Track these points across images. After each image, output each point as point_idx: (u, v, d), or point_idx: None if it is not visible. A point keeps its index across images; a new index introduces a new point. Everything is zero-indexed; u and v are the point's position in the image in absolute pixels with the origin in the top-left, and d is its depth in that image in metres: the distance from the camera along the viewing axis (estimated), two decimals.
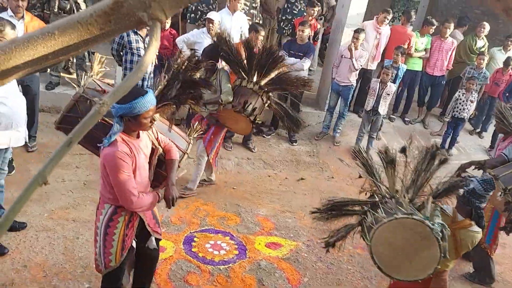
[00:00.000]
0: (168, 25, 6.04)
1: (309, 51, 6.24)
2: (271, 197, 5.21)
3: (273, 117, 6.45)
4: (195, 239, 4.22)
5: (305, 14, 7.23)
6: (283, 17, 7.81)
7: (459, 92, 6.78)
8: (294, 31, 6.99)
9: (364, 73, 6.98)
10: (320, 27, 7.89)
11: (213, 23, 5.61)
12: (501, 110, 4.45)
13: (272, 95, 4.72)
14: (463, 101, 6.69)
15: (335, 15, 7.58)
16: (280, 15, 7.91)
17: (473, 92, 6.71)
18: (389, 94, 6.23)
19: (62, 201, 4.41)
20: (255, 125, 4.73)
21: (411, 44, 7.13)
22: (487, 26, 7.53)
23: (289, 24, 7.68)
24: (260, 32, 5.53)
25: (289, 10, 7.75)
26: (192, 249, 4.07)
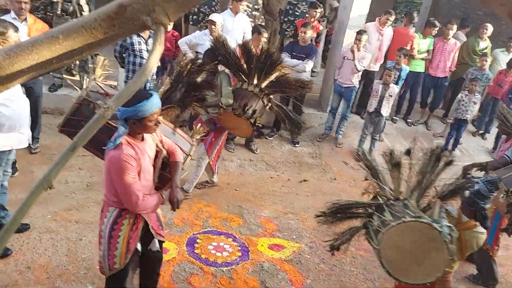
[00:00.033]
0: (171, 27, 6.05)
1: (311, 52, 6.25)
2: (274, 198, 5.21)
3: (275, 118, 6.45)
4: (197, 240, 4.22)
5: (307, 16, 7.23)
6: (285, 19, 7.81)
7: (462, 94, 6.77)
8: (296, 32, 7.00)
9: (366, 74, 6.98)
10: (323, 28, 7.90)
11: (215, 25, 5.62)
12: (503, 111, 4.44)
13: (273, 97, 4.72)
14: (466, 102, 6.67)
15: (337, 16, 7.58)
16: (282, 17, 7.91)
17: (476, 94, 6.70)
18: (391, 96, 6.23)
19: (65, 203, 4.42)
20: (255, 127, 4.73)
21: (413, 45, 7.12)
22: (490, 27, 7.52)
23: (291, 26, 7.68)
24: (263, 34, 5.54)
25: (291, 11, 7.76)
26: (195, 251, 4.08)
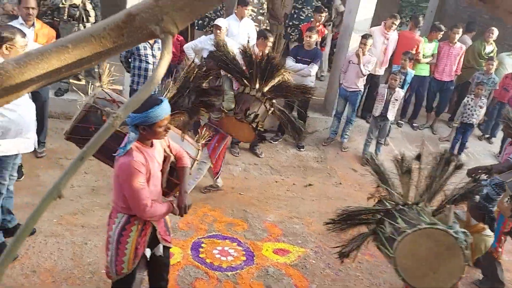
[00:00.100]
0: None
1: (316, 57, 6.25)
2: (279, 203, 5.20)
3: (279, 123, 6.44)
4: (202, 245, 4.22)
5: (312, 20, 7.24)
6: (290, 23, 7.82)
7: (468, 98, 6.74)
8: (301, 36, 7.00)
9: (371, 78, 6.96)
10: (328, 32, 7.90)
11: (220, 30, 5.63)
12: (508, 115, 4.43)
13: (275, 101, 4.71)
14: (472, 106, 6.64)
15: (343, 20, 7.58)
16: (287, 21, 7.93)
17: (482, 98, 6.67)
18: (397, 100, 6.22)
19: (71, 207, 4.44)
20: (257, 132, 4.71)
21: (419, 49, 7.11)
22: (495, 31, 7.49)
23: (296, 30, 7.70)
24: (269, 38, 5.54)
25: (296, 15, 7.77)
26: (200, 255, 4.08)
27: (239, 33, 6.28)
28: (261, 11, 7.29)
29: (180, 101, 3.08)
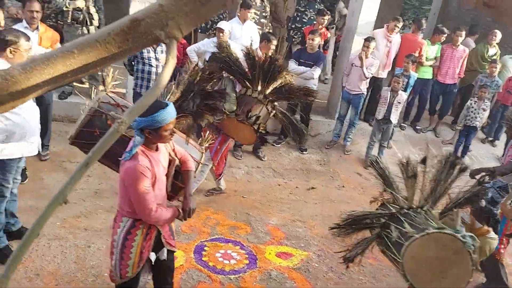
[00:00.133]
0: None
1: (319, 60, 6.25)
2: (281, 206, 5.20)
3: (281, 125, 6.43)
4: (205, 248, 4.22)
5: (314, 23, 7.24)
6: (293, 26, 7.83)
7: (471, 100, 6.73)
8: (304, 39, 7.01)
9: (374, 81, 6.96)
10: (331, 35, 7.90)
11: (223, 33, 5.64)
12: (511, 117, 4.43)
13: (277, 104, 4.70)
14: (475, 109, 6.63)
15: (346, 23, 7.58)
16: (290, 24, 7.94)
17: (486, 100, 6.66)
18: (400, 103, 6.21)
19: (74, 210, 4.44)
20: (259, 134, 4.70)
21: (422, 52, 7.10)
22: (498, 34, 7.48)
23: (298, 33, 7.70)
24: (272, 41, 5.55)
25: (298, 18, 7.78)
26: (203, 258, 4.07)
27: (241, 36, 6.29)
28: (264, 14, 7.30)
29: (185, 105, 3.08)
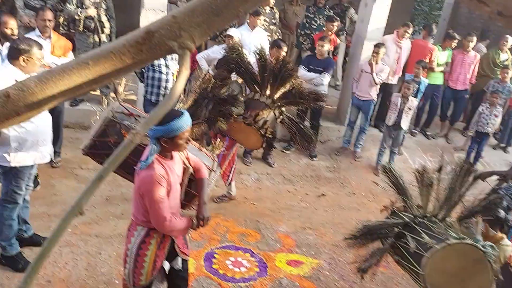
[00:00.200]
0: None
1: (328, 66, 6.24)
2: (291, 213, 5.17)
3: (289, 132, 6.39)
4: (215, 255, 4.21)
5: (324, 29, 7.24)
6: (302, 32, 7.84)
7: (483, 106, 6.66)
8: (313, 46, 7.01)
9: (384, 87, 6.92)
10: (341, 42, 7.89)
11: (232, 39, 5.66)
12: None
13: (285, 110, 4.67)
14: (487, 115, 6.56)
15: (355, 29, 7.57)
16: (299, 30, 7.95)
17: (497, 106, 6.59)
18: (410, 109, 6.16)
19: (85, 217, 4.46)
20: (265, 139, 4.66)
21: (432, 58, 7.06)
22: (510, 39, 7.41)
23: (308, 39, 7.71)
24: (282, 48, 5.55)
25: (308, 25, 7.79)
26: (213, 266, 4.06)
27: (251, 42, 6.31)
28: (273, 20, 7.32)
29: (198, 112, 3.08)
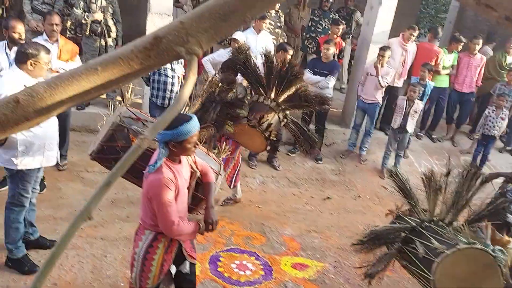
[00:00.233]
0: None
1: (334, 69, 6.24)
2: (297, 216, 5.16)
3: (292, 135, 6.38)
4: (220, 258, 4.21)
5: (329, 33, 7.25)
6: (307, 35, 7.84)
7: (489, 109, 6.63)
8: (318, 49, 7.01)
9: (390, 90, 6.91)
10: (346, 45, 7.89)
11: (238, 43, 5.67)
12: None
13: (289, 113, 4.66)
14: (493, 118, 6.53)
15: (361, 32, 7.57)
16: (305, 33, 7.95)
17: (504, 109, 6.56)
18: (416, 112, 6.14)
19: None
20: (269, 141, 4.65)
21: (438, 60, 7.04)
22: None
23: (313, 42, 7.71)
24: (288, 51, 5.56)
25: (313, 28, 7.79)
26: (218, 269, 4.06)
27: (256, 46, 6.32)
28: (278, 24, 7.33)
29: (205, 116, 3.09)
